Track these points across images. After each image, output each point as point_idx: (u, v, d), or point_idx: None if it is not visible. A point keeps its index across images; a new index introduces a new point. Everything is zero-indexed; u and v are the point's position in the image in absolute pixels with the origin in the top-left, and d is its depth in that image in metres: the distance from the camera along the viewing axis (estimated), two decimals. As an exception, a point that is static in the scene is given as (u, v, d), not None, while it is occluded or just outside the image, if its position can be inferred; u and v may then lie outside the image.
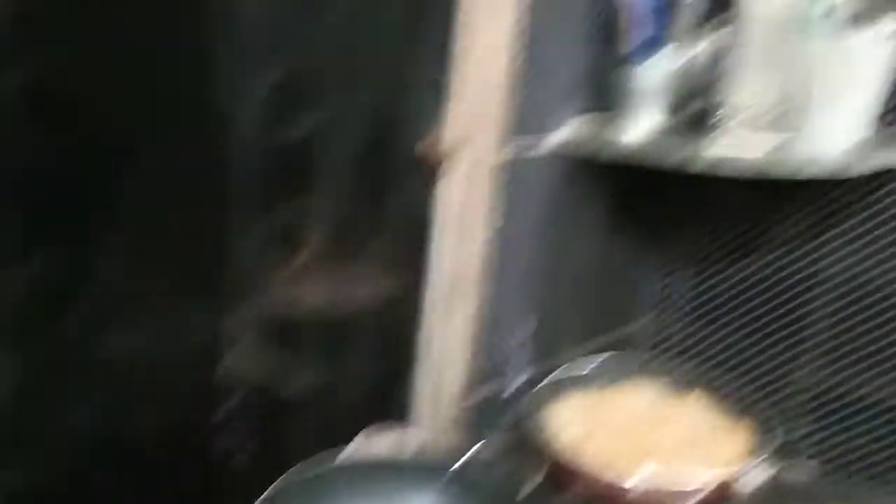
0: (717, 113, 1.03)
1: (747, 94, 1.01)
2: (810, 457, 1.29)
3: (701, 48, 1.12)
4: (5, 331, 0.74)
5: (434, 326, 1.14)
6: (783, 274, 1.29)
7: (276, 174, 0.91)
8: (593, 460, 0.94)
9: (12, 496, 0.78)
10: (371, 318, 1.10)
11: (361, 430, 0.98)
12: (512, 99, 1.05)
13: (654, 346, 1.51)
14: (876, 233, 1.18)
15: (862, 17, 1.02)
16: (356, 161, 0.98)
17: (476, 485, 0.81)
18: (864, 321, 1.21)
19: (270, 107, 0.86)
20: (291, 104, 0.89)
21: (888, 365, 1.20)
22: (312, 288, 1.02)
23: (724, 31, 1.11)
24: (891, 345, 1.19)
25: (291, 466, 0.83)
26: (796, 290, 1.27)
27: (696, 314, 1.42)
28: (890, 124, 1.12)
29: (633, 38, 1.09)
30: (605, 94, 1.19)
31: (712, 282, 1.39)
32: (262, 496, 0.74)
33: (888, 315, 1.19)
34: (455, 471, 0.83)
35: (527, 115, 1.09)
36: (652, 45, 1.10)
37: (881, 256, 1.18)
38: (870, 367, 1.22)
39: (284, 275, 0.98)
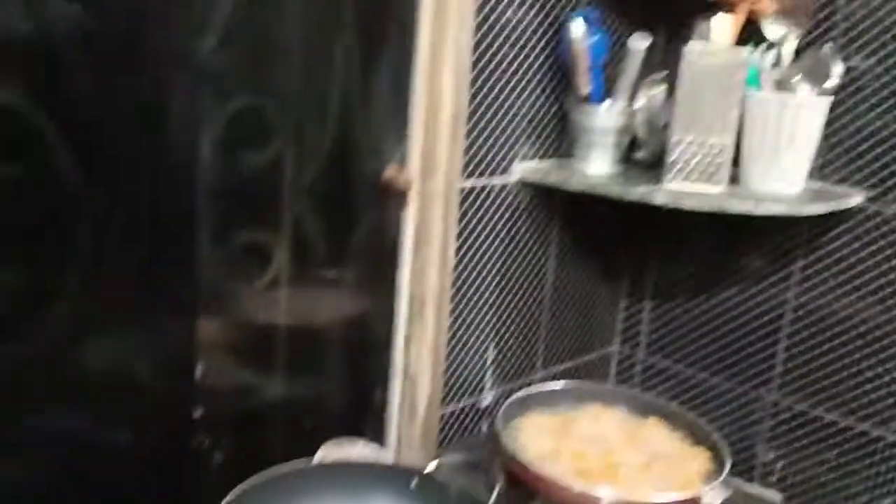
0: (666, 159, 1.08)
1: (686, 146, 1.06)
2: (772, 482, 1.32)
3: (642, 102, 1.18)
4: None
5: (403, 345, 1.16)
6: (744, 306, 1.33)
7: (246, 196, 0.94)
8: (561, 473, 0.95)
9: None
10: (341, 335, 1.11)
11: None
12: (473, 132, 1.11)
13: (617, 374, 1.54)
14: (829, 270, 1.23)
15: (805, 73, 1.09)
16: (323, 185, 1.02)
17: (443, 490, 0.82)
18: (822, 352, 1.26)
19: (239, 132, 0.90)
20: (259, 131, 0.94)
21: (846, 392, 1.24)
22: (282, 304, 1.03)
23: (663, 87, 1.18)
24: (848, 373, 1.23)
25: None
26: (758, 321, 1.31)
27: (657, 343, 1.46)
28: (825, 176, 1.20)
29: (585, 84, 1.14)
30: (565, 131, 1.25)
31: (674, 312, 1.42)
32: (227, 497, 0.74)
33: (844, 343, 1.23)
34: (422, 476, 0.83)
35: (488, 147, 1.15)
36: (600, 93, 1.16)
37: (835, 291, 1.23)
38: (830, 396, 1.26)
39: (254, 291, 0.99)
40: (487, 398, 1.29)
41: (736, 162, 1.10)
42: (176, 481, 0.94)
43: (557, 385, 1.20)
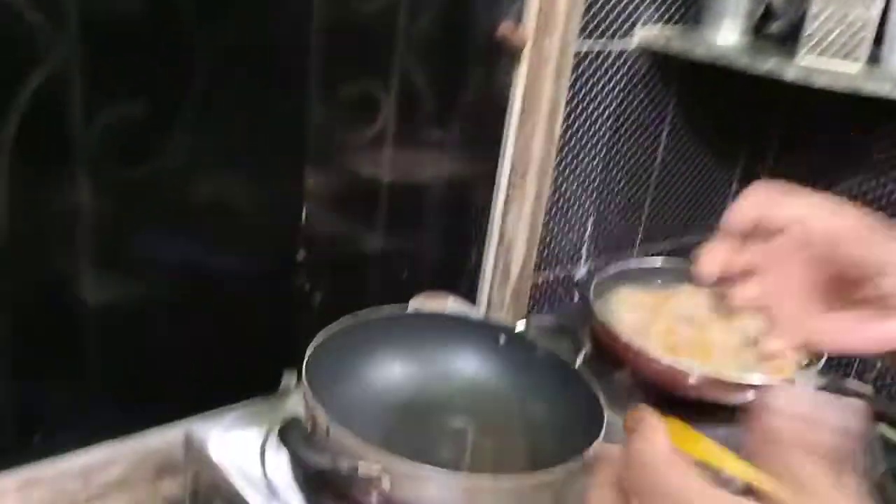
0: (801, 32, 0.99)
1: (825, 19, 0.96)
2: (869, 379, 1.29)
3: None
4: (110, 165, 0.77)
5: (501, 209, 1.15)
6: (867, 198, 1.25)
7: (358, 43, 0.93)
8: (652, 346, 0.95)
9: (109, 314, 0.83)
10: (441, 194, 1.11)
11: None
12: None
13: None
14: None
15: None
16: (436, 38, 0.99)
17: (530, 348, 0.82)
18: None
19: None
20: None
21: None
22: (387, 158, 1.03)
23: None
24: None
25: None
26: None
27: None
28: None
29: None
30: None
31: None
32: (322, 332, 0.76)
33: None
34: (511, 333, 0.84)
35: (610, 6, 1.08)
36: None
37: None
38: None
39: (361, 142, 0.99)
40: (582, 270, 1.29)
41: (878, 40, 1.00)
42: (277, 317, 0.98)
43: (656, 262, 1.18)
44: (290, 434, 0.65)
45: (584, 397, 0.75)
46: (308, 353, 0.71)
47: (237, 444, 0.75)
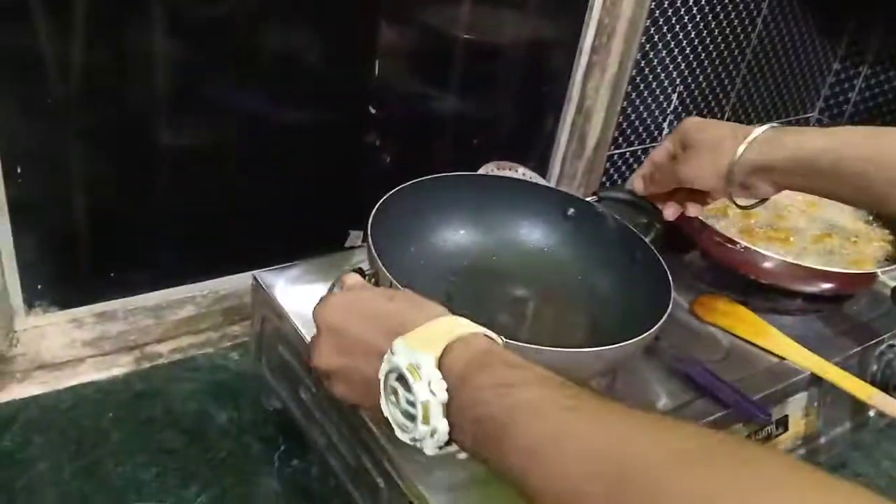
0: None
1: None
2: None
3: None
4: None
5: (582, 76, 1.10)
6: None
7: None
8: (727, 228, 0.92)
9: (181, 157, 0.84)
10: (520, 57, 1.06)
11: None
12: None
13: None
14: None
15: None
16: None
17: (600, 220, 0.80)
18: None
19: None
20: None
21: None
22: (464, 16, 0.98)
23: None
24: None
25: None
26: None
27: (864, 115, 1.31)
28: None
29: None
30: None
31: (891, 83, 1.26)
32: (387, 195, 0.75)
33: None
34: (581, 203, 0.81)
35: None
36: None
37: None
38: None
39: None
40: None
41: None
42: (346, 173, 0.98)
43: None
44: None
45: (652, 274, 0.72)
46: (374, 210, 0.70)
47: (302, 294, 0.76)
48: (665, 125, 1.21)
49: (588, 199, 0.83)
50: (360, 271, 0.63)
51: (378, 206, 0.71)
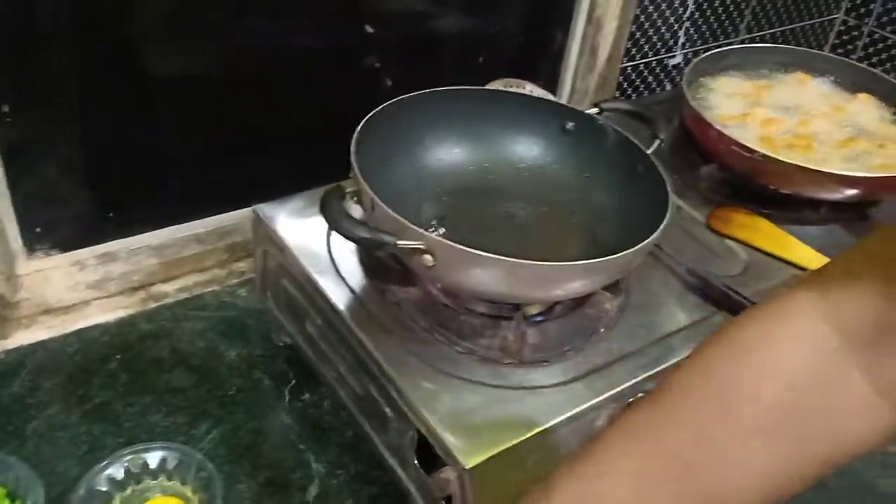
0: None
1: None
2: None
3: None
4: None
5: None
6: None
7: None
8: (746, 137, 0.87)
9: (178, 88, 0.81)
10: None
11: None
12: None
13: (833, 48, 1.35)
14: None
15: None
16: None
17: (601, 133, 0.76)
18: None
19: None
20: None
21: None
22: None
23: None
24: None
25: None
26: None
27: (892, 5, 1.24)
28: None
29: None
30: None
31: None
32: (377, 108, 0.71)
33: None
34: (581, 116, 0.77)
35: None
36: None
37: None
38: None
39: None
40: (677, 57, 1.18)
41: None
42: (347, 99, 0.93)
43: (761, 48, 1.06)
44: (331, 202, 0.61)
45: (651, 185, 0.69)
46: (358, 128, 0.66)
47: (304, 226, 0.74)
48: (681, 34, 1.15)
49: (589, 111, 0.79)
50: (339, 189, 0.60)
51: (363, 124, 0.68)
